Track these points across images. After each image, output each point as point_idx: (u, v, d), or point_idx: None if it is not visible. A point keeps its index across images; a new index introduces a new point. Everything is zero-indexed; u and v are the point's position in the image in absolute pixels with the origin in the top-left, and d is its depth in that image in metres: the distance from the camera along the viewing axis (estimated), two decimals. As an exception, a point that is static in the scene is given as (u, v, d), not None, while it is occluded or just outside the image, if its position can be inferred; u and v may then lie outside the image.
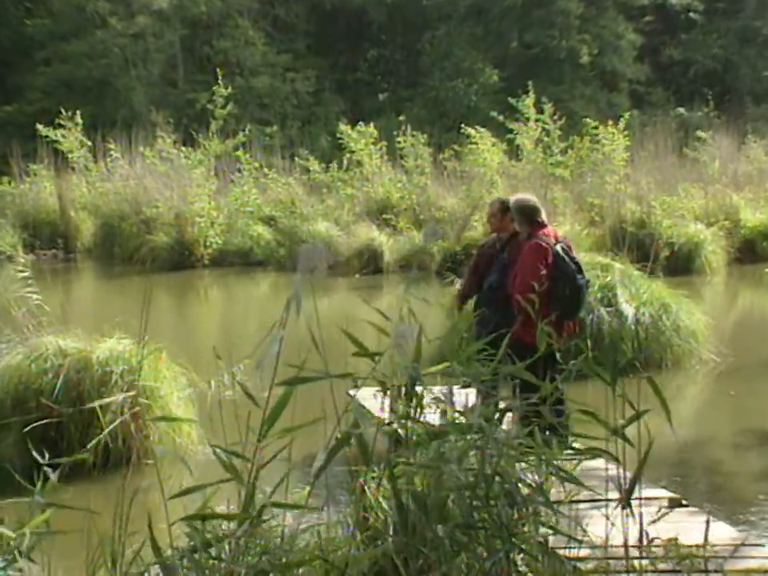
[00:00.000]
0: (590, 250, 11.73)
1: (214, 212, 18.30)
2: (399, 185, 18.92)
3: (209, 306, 15.07)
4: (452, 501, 2.39)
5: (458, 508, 2.36)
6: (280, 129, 27.34)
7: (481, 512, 2.38)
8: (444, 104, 29.92)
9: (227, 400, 6.85)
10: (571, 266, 5.32)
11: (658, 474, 5.14)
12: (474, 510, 2.38)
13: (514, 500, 2.39)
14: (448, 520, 2.34)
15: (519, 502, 2.42)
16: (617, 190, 15.92)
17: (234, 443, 2.61)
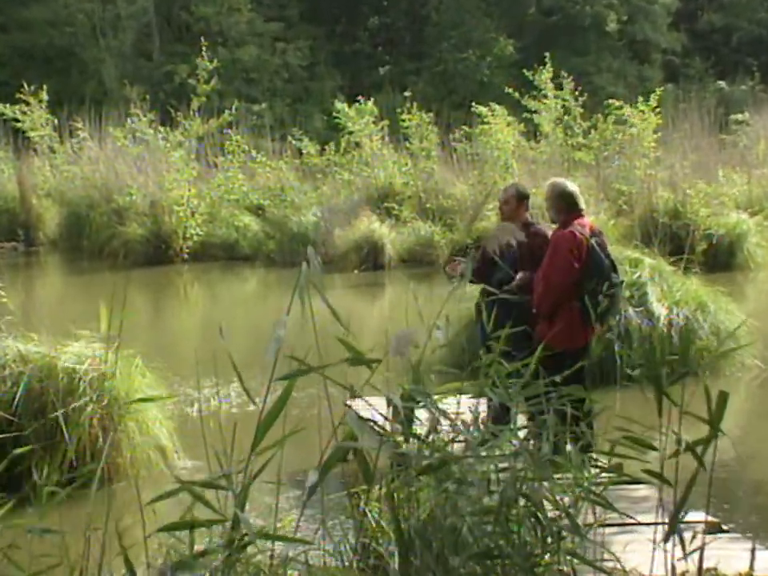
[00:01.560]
0: (617, 243, 11.70)
1: (194, 200, 18.31)
2: (403, 169, 18.90)
3: (189, 305, 15.08)
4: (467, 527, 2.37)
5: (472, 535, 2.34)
6: (269, 107, 27.32)
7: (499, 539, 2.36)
8: (453, 79, 29.88)
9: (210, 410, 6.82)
10: (606, 263, 5.30)
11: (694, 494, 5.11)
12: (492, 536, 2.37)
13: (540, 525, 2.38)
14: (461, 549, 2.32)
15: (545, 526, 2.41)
16: (647, 175, 15.90)
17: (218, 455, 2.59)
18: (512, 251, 5.78)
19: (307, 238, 17.43)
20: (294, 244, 17.44)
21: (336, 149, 19.58)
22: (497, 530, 2.36)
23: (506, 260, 5.74)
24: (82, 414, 5.97)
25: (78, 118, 20.25)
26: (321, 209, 16.93)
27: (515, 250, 5.77)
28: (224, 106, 21.44)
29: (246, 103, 24.71)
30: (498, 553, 2.35)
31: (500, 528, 2.36)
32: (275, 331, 2.24)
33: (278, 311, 12.31)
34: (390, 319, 9.01)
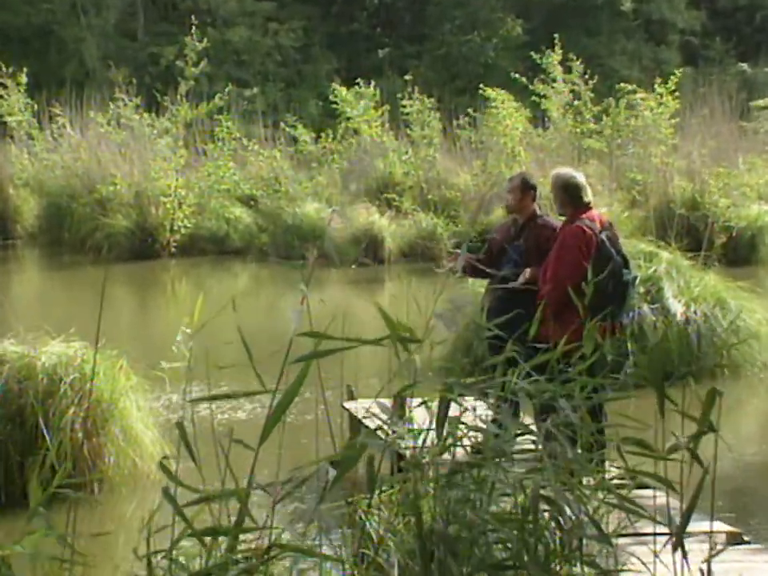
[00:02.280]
0: (632, 236, 11.71)
1: (182, 190, 18.30)
2: (404, 158, 18.90)
3: (176, 303, 15.08)
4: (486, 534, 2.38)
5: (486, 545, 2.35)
6: (261, 91, 27.30)
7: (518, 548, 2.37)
8: (456, 62, 29.85)
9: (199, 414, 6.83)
10: (618, 258, 5.29)
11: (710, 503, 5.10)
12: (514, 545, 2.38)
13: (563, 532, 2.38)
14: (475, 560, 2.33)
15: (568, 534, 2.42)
16: (663, 163, 15.89)
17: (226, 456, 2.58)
18: (517, 244, 5.77)
19: (302, 231, 17.42)
20: (289, 237, 17.44)
21: (332, 136, 19.57)
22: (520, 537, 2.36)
23: (510, 254, 5.73)
24: (63, 417, 5.97)
25: (57, 103, 20.22)
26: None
27: (521, 244, 5.76)
28: (213, 90, 21.41)
29: (237, 87, 24.67)
30: (517, 563, 2.35)
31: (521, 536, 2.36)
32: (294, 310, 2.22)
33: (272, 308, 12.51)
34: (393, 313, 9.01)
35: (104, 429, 6.13)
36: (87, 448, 5.97)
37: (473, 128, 18.82)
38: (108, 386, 6.25)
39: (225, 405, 7.73)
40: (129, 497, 6.03)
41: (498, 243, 5.87)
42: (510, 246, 5.79)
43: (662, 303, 8.57)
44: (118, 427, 6.20)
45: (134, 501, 6.09)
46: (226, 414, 7.58)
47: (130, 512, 5.90)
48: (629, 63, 28.71)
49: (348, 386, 6.37)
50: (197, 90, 20.34)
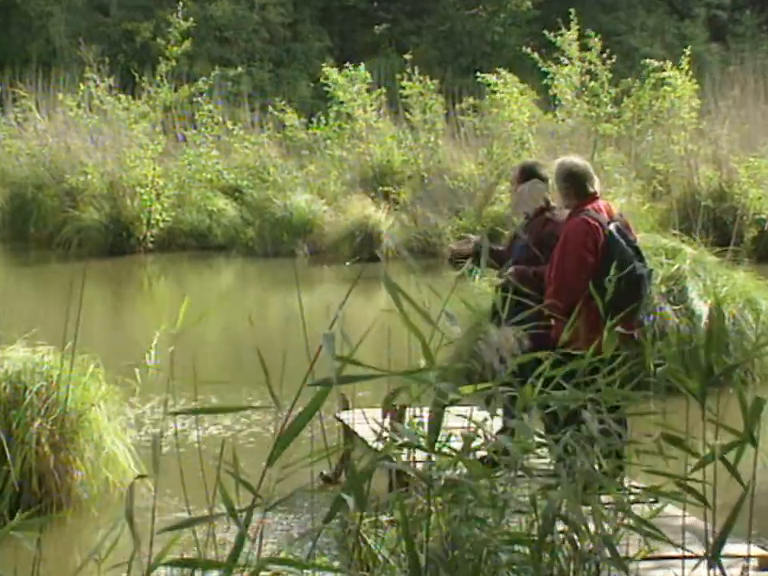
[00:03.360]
0: (652, 230, 11.69)
1: (160, 180, 18.28)
2: (402, 145, 18.89)
3: (154, 303, 15.06)
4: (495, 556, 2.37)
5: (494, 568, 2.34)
6: (246, 72, 27.28)
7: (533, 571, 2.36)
8: (460, 39, 29.83)
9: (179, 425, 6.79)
10: (629, 251, 5.26)
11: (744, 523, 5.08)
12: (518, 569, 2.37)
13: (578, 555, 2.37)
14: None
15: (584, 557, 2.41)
16: (687, 150, 15.88)
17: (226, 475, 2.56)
18: (519, 239, 5.73)
19: (292, 225, 17.41)
20: (277, 231, 17.43)
21: (325, 121, 19.55)
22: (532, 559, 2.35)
23: (513, 251, 5.71)
24: (28, 429, 5.95)
25: (21, 84, 20.18)
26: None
27: (522, 239, 5.72)
28: (194, 71, 21.39)
29: (220, 67, 24.65)
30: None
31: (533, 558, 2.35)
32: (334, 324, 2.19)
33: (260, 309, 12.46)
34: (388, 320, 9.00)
35: (73, 442, 6.11)
36: (54, 463, 5.95)
37: (477, 114, 18.79)
38: (78, 395, 6.23)
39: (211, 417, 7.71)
40: (100, 517, 6.01)
41: (509, 238, 5.88)
42: (514, 244, 5.77)
43: (686, 304, 8.55)
44: (88, 440, 6.18)
45: (105, 522, 6.07)
46: (211, 428, 7.56)
47: (100, 535, 5.87)
48: (650, 40, 28.66)
49: (342, 395, 6.35)
50: (176, 70, 20.30)
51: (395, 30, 30.95)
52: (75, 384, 6.21)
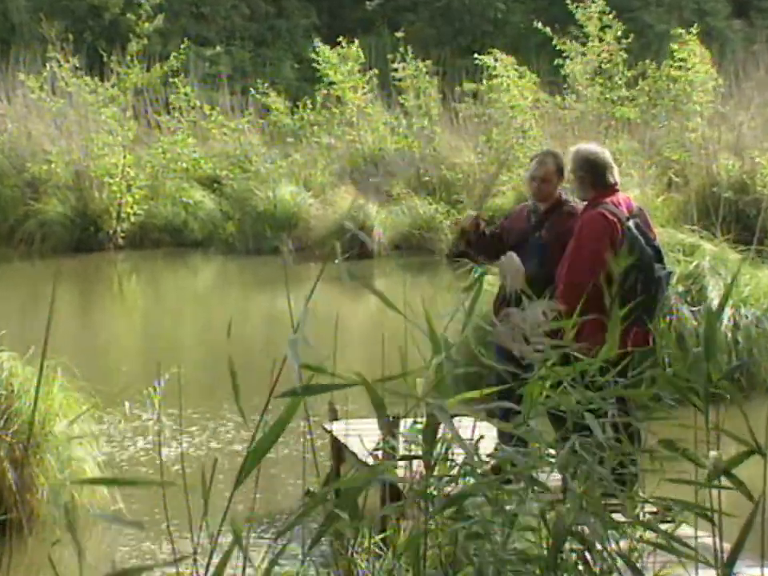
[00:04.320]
0: (668, 225, 11.73)
1: (131, 170, 18.27)
2: (396, 132, 18.90)
3: (124, 304, 15.05)
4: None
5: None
6: (225, 51, 27.28)
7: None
8: (459, 16, 29.86)
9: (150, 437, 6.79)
10: (648, 250, 5.26)
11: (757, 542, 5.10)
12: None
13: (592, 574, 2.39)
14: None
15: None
16: (706, 137, 15.92)
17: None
18: (536, 237, 5.72)
19: (275, 219, 17.41)
20: (259, 226, 17.43)
21: (311, 105, 19.55)
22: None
23: (532, 248, 5.67)
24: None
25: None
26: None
27: (541, 236, 5.70)
28: (168, 50, 21.35)
29: (197, 46, 24.64)
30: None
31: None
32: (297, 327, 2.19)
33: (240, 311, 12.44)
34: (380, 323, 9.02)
35: (36, 456, 6.10)
36: (15, 479, 5.93)
37: (475, 99, 18.80)
38: (42, 405, 6.22)
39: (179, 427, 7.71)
40: (66, 541, 5.99)
41: (514, 233, 5.77)
42: (531, 239, 5.69)
43: (705, 305, 8.58)
44: (52, 455, 6.17)
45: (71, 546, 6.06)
46: (186, 445, 7.56)
47: (67, 557, 5.87)
48: (666, 16, 28.64)
49: (330, 405, 6.36)
50: (148, 50, 20.28)
51: (388, 6, 30.93)
52: (39, 393, 6.19)
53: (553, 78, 18.51)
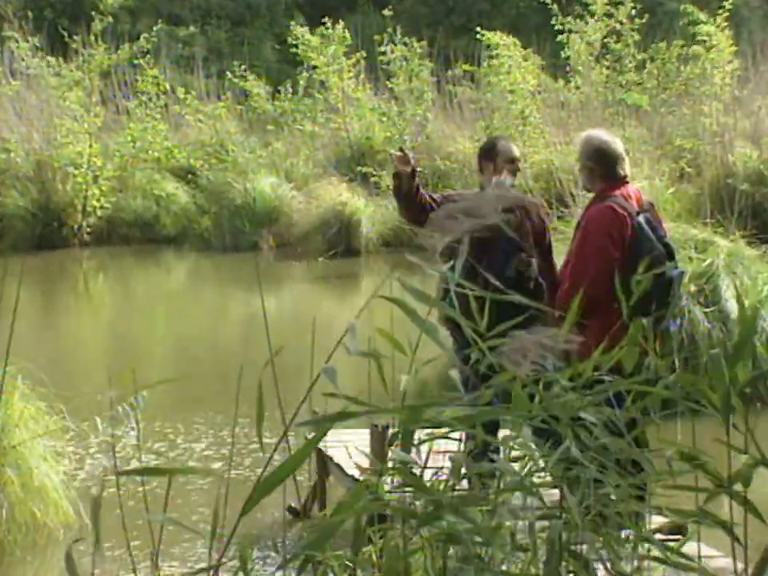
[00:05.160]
0: (679, 219, 11.76)
1: (98, 160, 18.25)
2: (385, 119, 18.91)
3: (91, 306, 15.03)
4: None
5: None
6: (200, 31, 27.26)
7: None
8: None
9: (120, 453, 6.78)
10: (659, 248, 5.28)
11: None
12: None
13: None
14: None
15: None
16: (721, 124, 15.97)
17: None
18: (523, 228, 5.70)
19: (255, 213, 17.40)
20: (237, 221, 17.42)
21: (293, 90, 19.54)
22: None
23: (506, 243, 5.64)
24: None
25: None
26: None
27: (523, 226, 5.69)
28: (138, 29, 21.31)
29: (168, 26, 24.60)
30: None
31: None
32: (348, 344, 2.22)
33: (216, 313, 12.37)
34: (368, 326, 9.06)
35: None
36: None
37: (472, 83, 18.81)
38: (1, 415, 6.21)
39: (149, 439, 7.71)
40: (26, 562, 6.00)
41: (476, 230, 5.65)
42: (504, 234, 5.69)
43: (720, 306, 8.61)
44: (13, 471, 6.16)
45: (32, 568, 6.06)
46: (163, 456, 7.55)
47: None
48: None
49: (314, 413, 6.36)
50: (116, 29, 20.23)
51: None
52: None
53: (554, 61, 18.53)
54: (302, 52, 19.21)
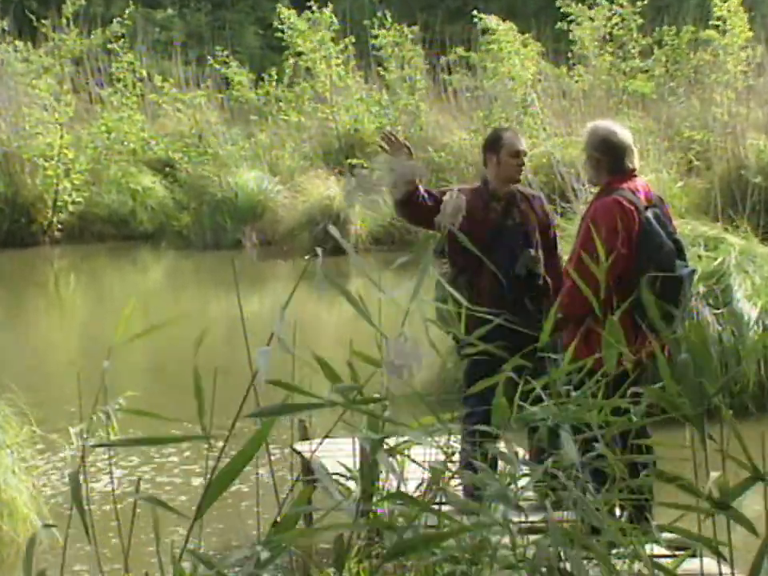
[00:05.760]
0: (688, 215, 11.78)
1: (69, 152, 18.23)
2: (375, 109, 18.92)
3: (62, 308, 15.01)
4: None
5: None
6: (178, 14, 27.24)
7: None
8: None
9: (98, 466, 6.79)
10: (669, 245, 5.28)
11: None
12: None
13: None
14: None
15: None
16: (732, 114, 16.00)
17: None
18: (517, 224, 5.71)
19: (237, 209, 17.40)
20: (219, 217, 17.41)
21: (278, 78, 19.54)
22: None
23: (510, 236, 5.68)
24: None
25: None
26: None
27: (519, 222, 5.70)
28: (112, 12, 21.29)
29: (145, 8, 24.57)
30: None
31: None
32: (261, 350, 2.21)
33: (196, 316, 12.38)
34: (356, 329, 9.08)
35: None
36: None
37: (469, 70, 18.83)
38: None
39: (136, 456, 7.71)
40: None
41: (476, 223, 5.65)
42: (507, 228, 5.70)
43: (731, 307, 8.63)
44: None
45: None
46: (131, 469, 7.56)
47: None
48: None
49: (301, 422, 6.36)
50: (89, 12, 20.21)
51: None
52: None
53: (555, 46, 18.56)
54: (288, 37, 19.23)
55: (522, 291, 5.62)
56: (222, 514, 6.15)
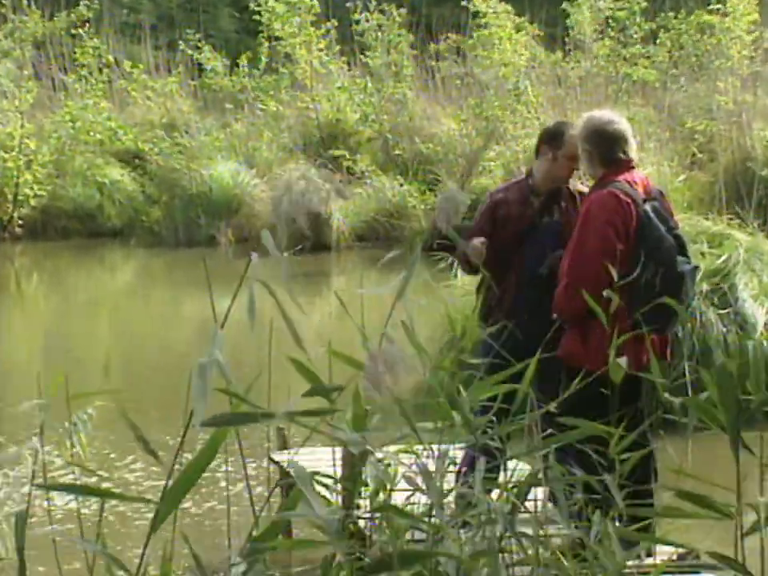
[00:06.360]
0: (691, 210, 11.82)
1: (31, 142, 18.19)
2: (360, 97, 18.92)
3: (23, 309, 14.97)
4: None
5: None
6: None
7: None
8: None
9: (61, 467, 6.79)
10: (669, 240, 5.29)
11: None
12: None
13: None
14: None
15: None
16: (738, 103, 16.04)
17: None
18: (552, 221, 5.71)
19: (211, 203, 17.37)
20: (192, 212, 17.39)
21: (255, 64, 19.52)
22: None
23: (544, 234, 5.67)
24: None
25: None
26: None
27: (557, 221, 5.70)
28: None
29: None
30: None
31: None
32: (211, 351, 2.22)
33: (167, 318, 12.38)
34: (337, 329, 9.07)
35: None
36: None
37: (458, 57, 18.84)
38: None
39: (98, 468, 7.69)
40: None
41: (512, 219, 5.72)
42: (542, 224, 5.70)
43: (736, 307, 8.65)
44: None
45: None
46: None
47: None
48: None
49: (279, 429, 6.37)
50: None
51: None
52: None
53: (551, 31, 18.59)
54: (266, 20, 19.22)
55: (543, 291, 5.62)
56: (201, 532, 6.14)
